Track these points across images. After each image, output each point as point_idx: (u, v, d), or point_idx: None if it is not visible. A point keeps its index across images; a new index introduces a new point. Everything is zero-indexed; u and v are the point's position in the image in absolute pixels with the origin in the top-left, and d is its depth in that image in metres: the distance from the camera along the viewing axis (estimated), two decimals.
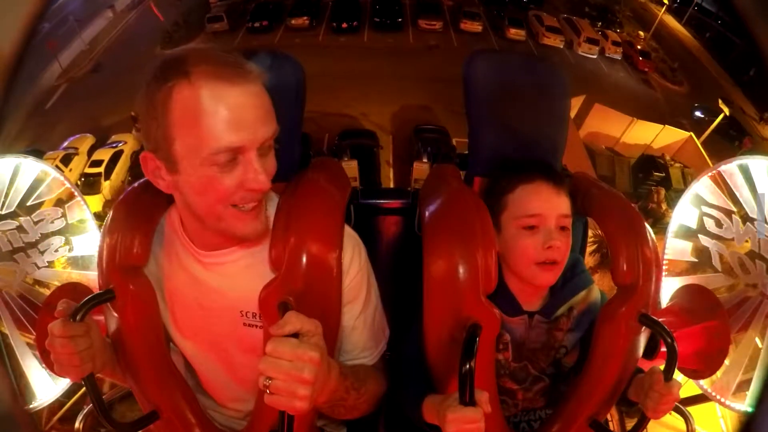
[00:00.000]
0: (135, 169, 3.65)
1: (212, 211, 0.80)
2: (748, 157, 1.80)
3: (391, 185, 4.05)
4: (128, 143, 3.76)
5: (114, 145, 3.74)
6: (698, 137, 4.06)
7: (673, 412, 1.02)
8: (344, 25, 5.11)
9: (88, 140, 3.67)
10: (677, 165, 3.93)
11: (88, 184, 3.48)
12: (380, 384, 1.01)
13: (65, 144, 3.53)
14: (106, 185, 3.55)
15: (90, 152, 3.67)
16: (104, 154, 3.67)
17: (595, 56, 4.78)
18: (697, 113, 4.36)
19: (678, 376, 1.16)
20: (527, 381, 1.08)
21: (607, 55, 4.79)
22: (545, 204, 0.99)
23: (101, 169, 3.60)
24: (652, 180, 3.87)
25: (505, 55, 1.25)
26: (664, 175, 3.91)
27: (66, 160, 3.43)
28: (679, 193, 1.90)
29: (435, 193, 1.08)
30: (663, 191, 3.62)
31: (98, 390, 0.85)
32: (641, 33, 4.82)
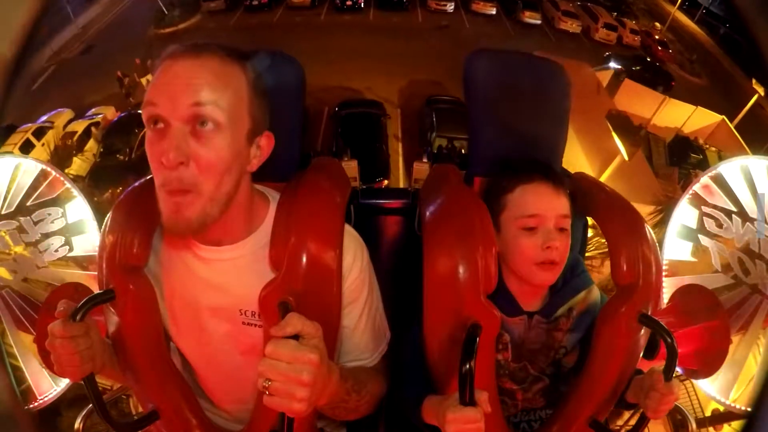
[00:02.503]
0: (108, 140, 3.46)
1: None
2: (749, 157, 1.81)
3: (400, 161, 3.85)
4: (106, 115, 3.51)
5: (91, 117, 3.52)
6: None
7: None
8: (348, 2, 4.94)
9: (66, 115, 3.45)
10: (713, 149, 3.81)
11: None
12: (380, 385, 1.01)
13: (43, 119, 3.32)
14: (76, 161, 3.34)
15: (66, 127, 3.44)
16: (78, 126, 3.43)
17: (613, 43, 4.66)
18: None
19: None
20: (526, 381, 1.08)
21: (624, 43, 4.69)
22: (544, 204, 0.99)
23: (73, 141, 3.38)
24: (689, 163, 3.73)
25: (506, 55, 1.25)
26: (701, 157, 3.74)
27: (39, 133, 3.20)
28: None
29: (435, 193, 1.08)
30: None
31: (98, 390, 0.85)
32: (657, 24, 4.74)
